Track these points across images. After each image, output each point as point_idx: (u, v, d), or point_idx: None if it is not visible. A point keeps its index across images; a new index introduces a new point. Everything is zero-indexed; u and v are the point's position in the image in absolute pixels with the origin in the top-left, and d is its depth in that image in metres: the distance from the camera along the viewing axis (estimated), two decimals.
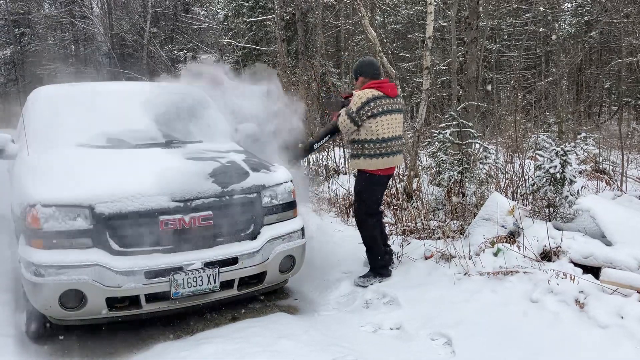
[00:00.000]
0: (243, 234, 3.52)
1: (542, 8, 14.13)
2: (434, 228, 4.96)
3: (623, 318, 2.97)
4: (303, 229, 3.84)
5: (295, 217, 3.86)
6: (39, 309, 3.12)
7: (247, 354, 2.96)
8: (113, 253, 3.09)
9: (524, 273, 3.62)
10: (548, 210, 4.73)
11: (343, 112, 4.07)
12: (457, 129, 5.94)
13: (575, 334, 2.96)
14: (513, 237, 4.17)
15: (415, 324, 3.45)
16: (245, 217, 3.54)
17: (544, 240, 3.97)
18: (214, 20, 19.85)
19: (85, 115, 4.17)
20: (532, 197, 5.09)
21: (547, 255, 3.90)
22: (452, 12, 10.00)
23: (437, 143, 5.96)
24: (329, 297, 4.13)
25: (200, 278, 3.26)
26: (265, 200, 3.64)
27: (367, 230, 4.22)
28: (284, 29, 14.27)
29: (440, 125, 6.30)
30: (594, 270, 3.58)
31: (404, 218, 5.41)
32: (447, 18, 12.42)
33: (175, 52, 21.97)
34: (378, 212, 4.32)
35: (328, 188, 6.95)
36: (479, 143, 5.91)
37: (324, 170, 8.07)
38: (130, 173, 3.38)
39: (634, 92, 15.72)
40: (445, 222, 5.07)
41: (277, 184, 3.72)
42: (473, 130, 5.95)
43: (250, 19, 16.09)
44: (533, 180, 4.95)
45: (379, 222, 4.37)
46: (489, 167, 5.84)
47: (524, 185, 5.33)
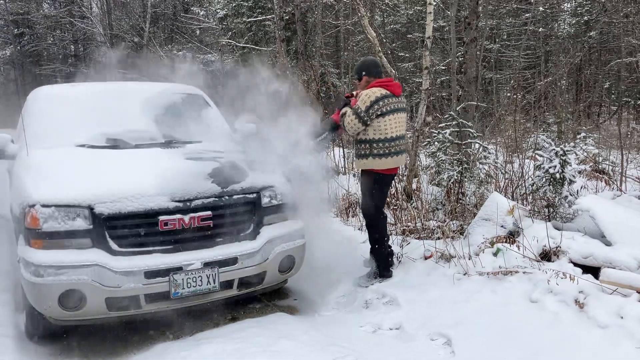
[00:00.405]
0: (243, 234, 3.52)
1: (541, 8, 14.14)
2: (434, 228, 4.95)
3: (623, 318, 2.97)
4: (303, 229, 3.83)
5: (295, 217, 3.85)
6: (39, 309, 3.11)
7: (247, 354, 2.96)
8: (112, 253, 3.09)
9: (524, 273, 3.62)
10: (548, 210, 4.73)
11: (349, 112, 3.97)
12: (456, 129, 5.94)
13: (575, 334, 2.95)
14: (513, 237, 4.17)
15: (415, 324, 3.45)
16: (245, 217, 3.55)
17: (544, 240, 3.96)
18: (214, 20, 19.83)
19: (85, 115, 4.16)
20: (531, 197, 5.09)
21: (546, 255, 3.89)
22: (451, 12, 10.00)
23: (436, 143, 5.96)
24: (329, 297, 4.13)
25: (200, 278, 3.25)
26: (265, 201, 3.63)
27: (376, 231, 4.19)
28: (284, 29, 14.27)
29: (440, 125, 6.30)
30: (594, 270, 3.57)
31: (404, 218, 5.40)
32: (446, 18, 12.43)
33: (175, 52, 21.94)
34: (384, 212, 4.31)
35: (327, 188, 6.94)
36: (479, 143, 5.90)
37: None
38: (130, 173, 3.38)
39: (634, 92, 15.73)
40: (445, 222, 5.07)
41: (276, 184, 3.72)
42: (472, 130, 5.95)
43: (250, 19, 16.09)
44: (532, 180, 4.95)
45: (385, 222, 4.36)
46: (489, 167, 5.83)
47: (524, 185, 5.32)
